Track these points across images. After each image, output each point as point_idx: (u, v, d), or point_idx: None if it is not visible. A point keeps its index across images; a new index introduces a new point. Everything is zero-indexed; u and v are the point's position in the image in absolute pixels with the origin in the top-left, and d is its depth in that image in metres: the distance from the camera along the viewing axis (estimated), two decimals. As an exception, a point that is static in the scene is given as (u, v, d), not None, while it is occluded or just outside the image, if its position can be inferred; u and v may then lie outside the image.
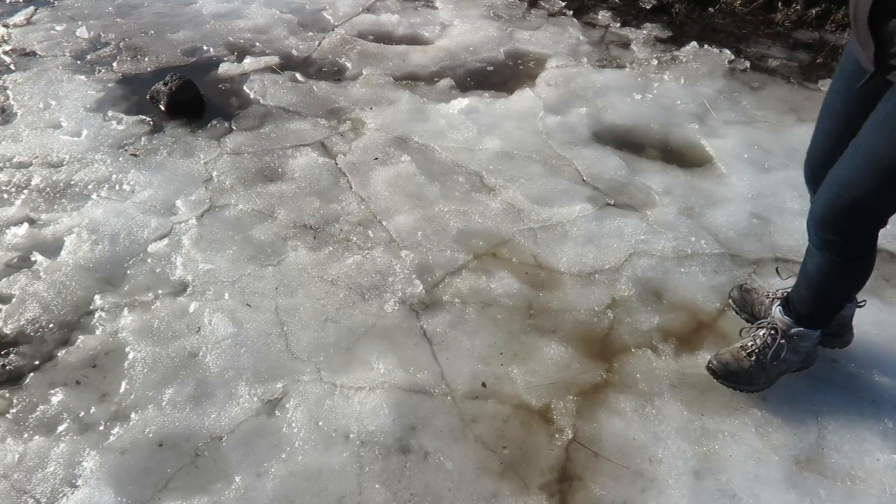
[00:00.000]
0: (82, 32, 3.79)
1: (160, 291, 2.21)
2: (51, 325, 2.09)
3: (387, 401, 1.88)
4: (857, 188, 1.52)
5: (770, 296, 2.11)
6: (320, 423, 1.83)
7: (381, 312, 2.16)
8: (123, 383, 1.92)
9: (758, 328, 1.93)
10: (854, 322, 2.01)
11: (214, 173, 2.74)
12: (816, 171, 1.78)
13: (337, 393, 1.91)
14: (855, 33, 1.44)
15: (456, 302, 2.20)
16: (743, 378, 1.88)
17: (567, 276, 2.31)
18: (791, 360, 1.89)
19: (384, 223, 2.52)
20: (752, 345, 1.89)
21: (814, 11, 3.98)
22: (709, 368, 1.93)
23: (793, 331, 1.84)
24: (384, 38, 3.89)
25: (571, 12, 4.21)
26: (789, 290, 1.96)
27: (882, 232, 2.49)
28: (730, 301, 2.21)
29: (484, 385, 1.95)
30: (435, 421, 1.85)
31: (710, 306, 2.21)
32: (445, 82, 3.43)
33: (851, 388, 1.97)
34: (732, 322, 2.12)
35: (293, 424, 1.82)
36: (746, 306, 2.17)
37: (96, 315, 2.13)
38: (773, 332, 1.87)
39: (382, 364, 1.99)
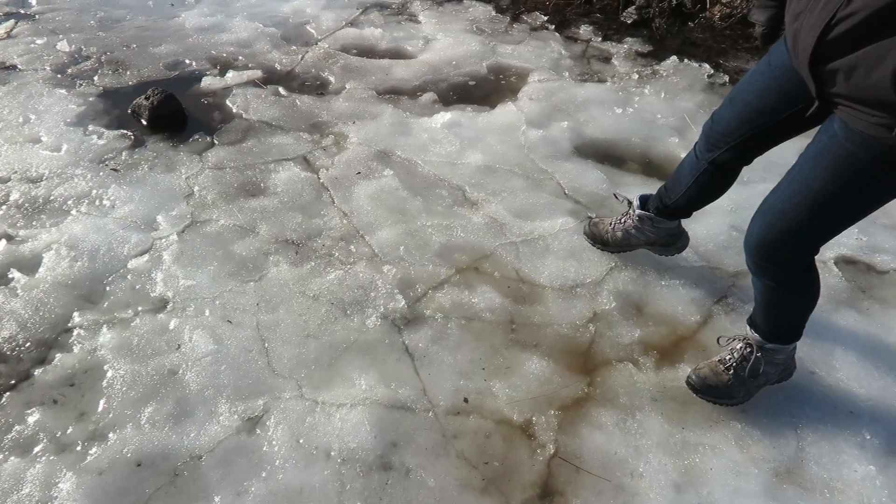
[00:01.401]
0: (63, 46, 3.77)
1: (140, 308, 2.19)
2: (28, 344, 2.07)
3: (368, 417, 1.88)
4: (790, 218, 1.58)
5: (612, 223, 2.37)
6: (301, 441, 1.82)
7: (363, 328, 2.16)
8: (102, 402, 1.90)
9: (734, 340, 1.95)
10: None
11: (196, 188, 2.73)
12: (715, 137, 1.89)
13: (318, 410, 1.90)
14: (796, 65, 1.47)
15: (438, 317, 2.20)
16: (722, 392, 1.89)
17: (549, 290, 2.32)
18: (770, 372, 1.91)
19: (366, 238, 2.52)
20: (729, 358, 1.91)
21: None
22: (688, 383, 1.94)
23: (767, 346, 1.86)
24: (367, 52, 3.91)
25: (553, 27, 4.25)
26: (627, 217, 2.31)
27: (858, 244, 2.55)
28: (584, 237, 2.46)
29: (466, 400, 1.95)
30: (417, 437, 1.85)
31: (690, 319, 2.23)
32: (428, 96, 3.45)
33: (829, 399, 1.99)
34: (713, 334, 2.14)
35: (274, 442, 1.81)
36: (597, 237, 2.41)
37: (74, 333, 2.11)
38: (748, 345, 1.89)
39: (364, 380, 1.99)
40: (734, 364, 1.90)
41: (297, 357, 2.05)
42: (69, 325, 2.14)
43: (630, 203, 2.34)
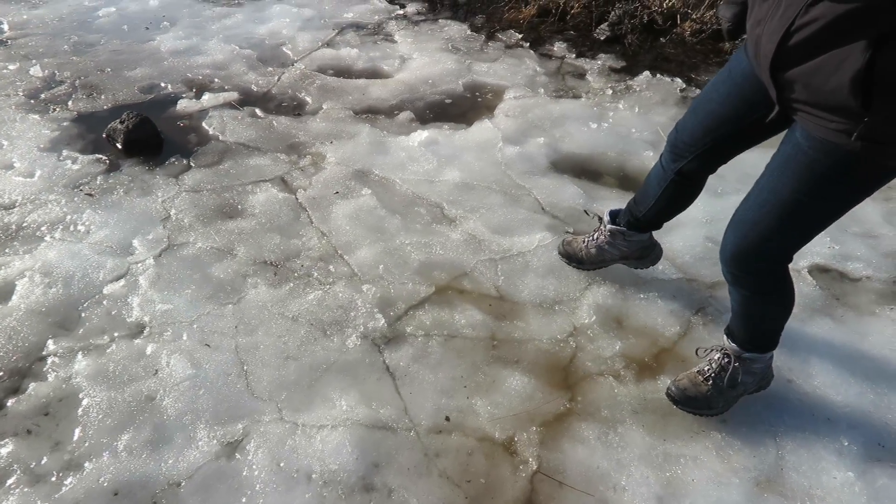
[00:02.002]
0: (36, 71, 3.74)
1: (116, 334, 2.17)
2: (0, 374, 2.03)
3: (349, 438, 1.86)
4: (761, 227, 1.61)
5: (585, 241, 2.38)
6: (282, 465, 1.80)
7: (343, 348, 2.15)
8: (77, 431, 1.87)
9: (712, 351, 1.97)
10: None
11: (172, 211, 2.71)
12: (680, 147, 1.93)
13: (298, 432, 1.88)
14: (758, 73, 1.51)
15: (419, 335, 2.20)
16: (701, 403, 1.91)
17: (529, 306, 2.33)
18: (748, 381, 1.92)
19: (345, 257, 2.51)
20: (708, 369, 1.92)
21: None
22: (668, 395, 1.95)
23: (744, 355, 1.88)
24: (344, 72, 3.92)
25: (528, 44, 4.30)
26: (598, 234, 2.32)
27: (830, 252, 2.59)
28: (560, 257, 2.46)
29: (448, 419, 1.94)
30: (398, 457, 1.84)
31: (669, 331, 2.25)
32: (405, 115, 3.46)
33: (807, 407, 2.01)
34: (692, 346, 2.15)
35: (254, 466, 1.79)
36: (572, 256, 2.42)
37: (49, 360, 2.07)
38: (726, 356, 1.91)
39: (345, 401, 1.98)
40: (713, 374, 1.91)
41: (277, 379, 2.04)
42: (43, 353, 2.10)
43: (601, 219, 2.36)
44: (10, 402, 1.95)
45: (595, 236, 2.35)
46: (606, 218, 2.32)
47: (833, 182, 1.46)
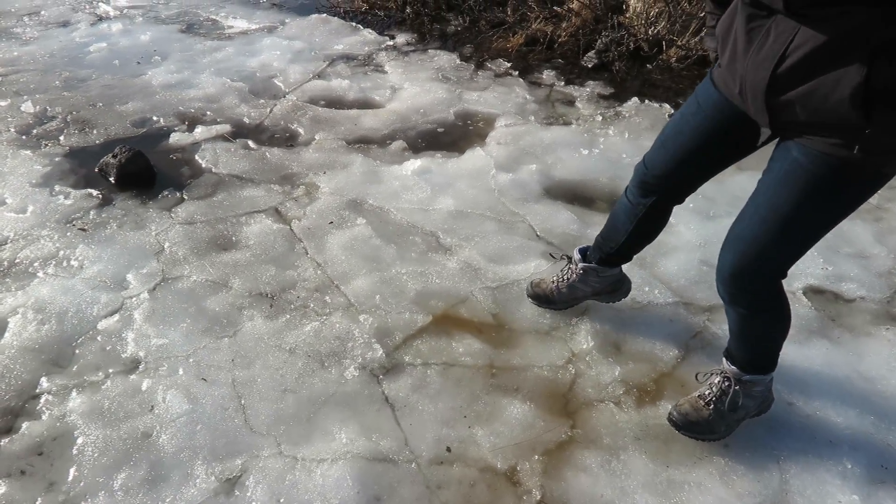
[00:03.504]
0: (28, 107, 3.74)
1: (111, 370, 2.14)
2: (-7, 413, 2.00)
3: (350, 472, 1.84)
4: (761, 243, 1.63)
5: (555, 280, 2.35)
6: (282, 500, 1.77)
7: (342, 379, 2.13)
8: (72, 470, 1.84)
9: (712, 375, 1.97)
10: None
11: (166, 244, 2.70)
12: (650, 180, 1.93)
13: (298, 467, 1.86)
14: (741, 103, 1.57)
15: (417, 364, 2.19)
16: (704, 427, 1.90)
17: (527, 333, 2.32)
18: (748, 405, 1.92)
19: (341, 288, 2.50)
20: (709, 393, 1.92)
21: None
22: (669, 420, 1.94)
23: (744, 378, 1.88)
24: (335, 103, 3.95)
25: (517, 72, 4.36)
26: (569, 272, 2.30)
27: (824, 273, 2.61)
28: (530, 299, 2.41)
29: (449, 449, 1.92)
30: (400, 490, 1.81)
31: (668, 355, 2.25)
32: (398, 144, 3.48)
33: (809, 429, 2.01)
34: (691, 370, 2.15)
35: (254, 503, 1.76)
36: (542, 298, 2.38)
37: (42, 399, 2.04)
38: (726, 379, 1.91)
39: (344, 433, 1.95)
40: (714, 398, 1.91)
41: (275, 413, 2.01)
42: (37, 391, 2.07)
43: (569, 258, 2.34)
44: (3, 442, 1.91)
45: (565, 276, 2.32)
46: (577, 256, 2.30)
47: (835, 194, 1.50)
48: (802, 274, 2.60)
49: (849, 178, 1.46)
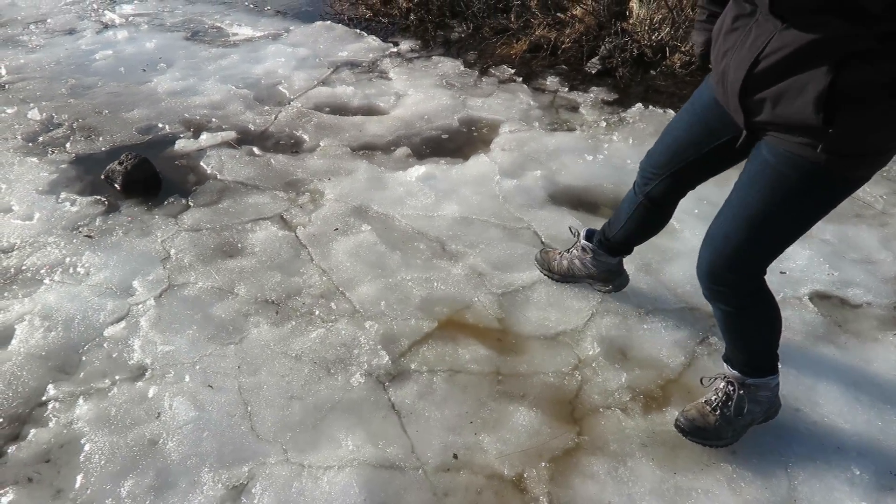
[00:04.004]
0: (34, 114, 3.76)
1: (117, 377, 2.14)
2: (0, 420, 2.00)
3: (357, 479, 1.84)
4: (734, 240, 1.67)
5: (560, 252, 2.51)
6: (289, 508, 1.77)
7: (348, 386, 2.13)
8: (79, 477, 1.84)
9: (717, 379, 1.97)
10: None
11: (172, 251, 2.70)
12: (647, 171, 2.05)
13: (305, 474, 1.86)
14: (724, 101, 1.62)
15: (423, 371, 2.19)
16: (711, 433, 1.90)
17: (532, 339, 2.32)
18: (755, 410, 1.91)
19: (347, 294, 2.51)
20: (715, 399, 1.92)
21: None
22: (677, 426, 1.94)
23: (747, 381, 1.88)
24: (340, 109, 3.96)
25: (521, 79, 4.36)
26: (574, 248, 2.44)
27: (830, 279, 2.60)
28: (535, 262, 2.58)
29: (455, 456, 1.92)
30: (407, 497, 1.81)
31: (674, 361, 2.24)
32: (402, 151, 3.49)
33: (816, 436, 2.00)
34: (697, 376, 2.14)
35: (260, 511, 1.76)
36: (544, 263, 2.54)
37: (49, 406, 2.05)
38: (730, 383, 1.91)
39: (351, 440, 1.95)
40: (720, 404, 1.90)
41: (282, 420, 2.01)
42: (43, 398, 2.08)
43: (578, 234, 2.45)
44: (10, 450, 1.92)
45: (570, 250, 2.47)
46: (582, 234, 2.41)
47: (800, 194, 1.54)
48: (808, 280, 2.60)
49: (814, 179, 1.50)
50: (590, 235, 2.39)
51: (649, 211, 2.13)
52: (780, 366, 1.91)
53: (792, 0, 1.32)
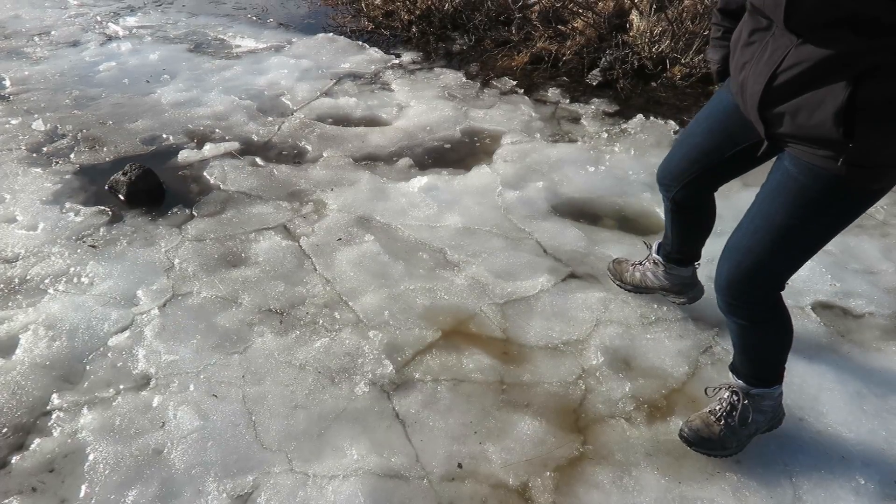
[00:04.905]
0: (38, 125, 3.78)
1: (122, 386, 2.15)
2: (4, 430, 2.00)
3: (361, 488, 1.83)
4: (755, 253, 1.66)
5: (633, 264, 2.52)
6: (293, 517, 1.76)
7: (352, 396, 2.13)
8: (83, 487, 1.84)
9: (721, 389, 1.97)
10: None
11: (176, 261, 2.71)
12: (666, 179, 2.10)
13: (310, 483, 1.86)
14: (744, 110, 1.62)
15: (427, 380, 2.19)
16: (715, 444, 1.90)
17: (536, 349, 2.32)
18: (759, 420, 1.92)
19: (350, 304, 2.51)
20: (719, 409, 1.92)
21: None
22: (681, 436, 1.94)
23: (752, 391, 1.88)
24: (343, 120, 3.98)
25: (522, 90, 4.39)
26: (646, 261, 2.44)
27: (832, 290, 2.60)
28: (608, 272, 2.60)
29: (460, 466, 1.92)
30: (412, 506, 1.81)
31: (678, 371, 2.25)
32: (404, 161, 3.51)
33: (820, 445, 2.00)
34: (701, 385, 2.15)
35: (265, 520, 1.76)
36: (617, 275, 2.56)
37: (53, 415, 2.05)
38: (735, 393, 1.91)
39: (355, 450, 1.95)
40: (724, 414, 1.91)
41: (286, 429, 2.01)
42: (48, 407, 2.08)
43: (650, 247, 2.46)
44: (14, 459, 1.92)
45: (643, 262, 2.48)
46: (654, 247, 2.42)
47: (822, 206, 1.54)
48: (811, 290, 2.61)
49: (836, 191, 1.50)
50: (660, 249, 2.40)
51: (680, 214, 2.16)
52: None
53: (806, 15, 1.32)
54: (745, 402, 1.89)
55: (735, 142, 1.79)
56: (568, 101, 4.24)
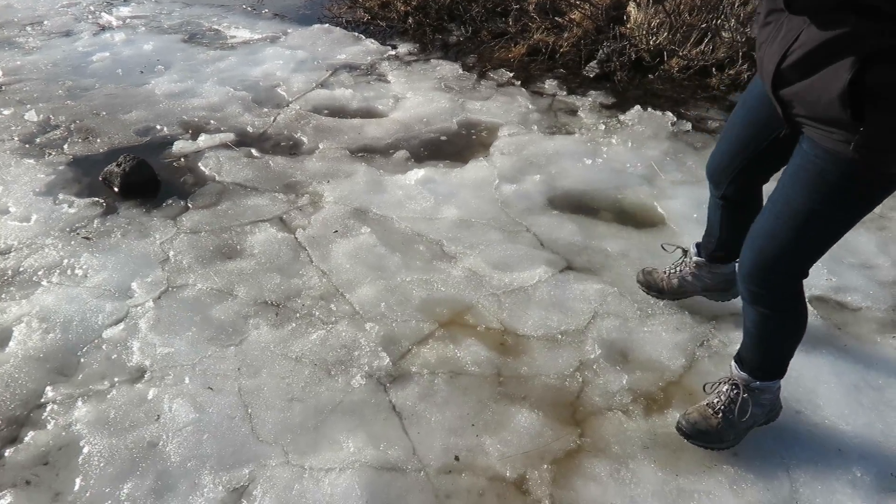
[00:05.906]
0: (31, 116, 3.74)
1: (116, 379, 2.13)
2: (-2, 422, 1.99)
3: (358, 481, 1.83)
4: (778, 239, 1.65)
5: (667, 272, 2.44)
6: (290, 510, 1.76)
7: (348, 388, 2.12)
8: (78, 480, 1.82)
9: (721, 384, 1.96)
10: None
11: (171, 253, 2.69)
12: (716, 174, 2.07)
13: (306, 476, 1.85)
14: (767, 90, 1.59)
15: (424, 373, 2.18)
16: (713, 436, 1.89)
17: (533, 341, 2.32)
18: (757, 413, 1.92)
19: (347, 296, 2.50)
20: (717, 402, 1.92)
21: (746, 76, 4.23)
22: (678, 429, 1.94)
23: (753, 385, 1.88)
24: (339, 112, 3.96)
25: (519, 82, 4.37)
26: (683, 265, 2.39)
27: (828, 284, 2.60)
28: (639, 285, 2.51)
29: (457, 458, 1.91)
30: (409, 499, 1.81)
31: (675, 364, 2.24)
32: (401, 154, 3.49)
33: (817, 438, 2.00)
34: (698, 378, 2.15)
35: (261, 513, 1.75)
36: (652, 285, 2.48)
37: (47, 408, 2.03)
38: (734, 387, 1.90)
39: (352, 442, 1.95)
40: (722, 407, 1.90)
41: (282, 422, 2.00)
42: (42, 400, 2.06)
43: (685, 251, 2.42)
44: (7, 452, 1.90)
45: (678, 268, 2.41)
46: (693, 250, 2.37)
47: (841, 190, 1.52)
48: (808, 284, 2.55)
49: (852, 175, 1.48)
50: (699, 250, 2.36)
51: (731, 211, 2.12)
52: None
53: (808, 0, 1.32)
54: (745, 395, 1.89)
55: (769, 128, 1.76)
56: (565, 93, 4.23)
